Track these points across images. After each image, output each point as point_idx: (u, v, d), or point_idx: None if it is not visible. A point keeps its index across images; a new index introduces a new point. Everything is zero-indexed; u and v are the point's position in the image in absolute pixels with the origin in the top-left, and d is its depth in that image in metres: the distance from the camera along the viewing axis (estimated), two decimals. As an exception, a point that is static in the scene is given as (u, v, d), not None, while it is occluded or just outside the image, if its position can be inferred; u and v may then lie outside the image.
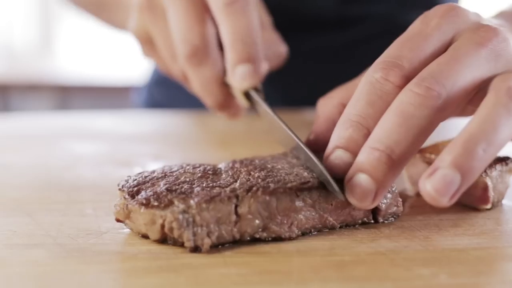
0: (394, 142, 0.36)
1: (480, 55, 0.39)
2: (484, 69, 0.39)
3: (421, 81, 0.37)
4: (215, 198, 0.37)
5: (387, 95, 0.38)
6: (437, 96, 0.37)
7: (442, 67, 0.38)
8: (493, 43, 0.39)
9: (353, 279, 0.33)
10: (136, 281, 0.33)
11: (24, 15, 3.13)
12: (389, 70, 0.39)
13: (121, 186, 0.41)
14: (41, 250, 0.37)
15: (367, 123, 0.38)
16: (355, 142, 0.38)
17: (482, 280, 0.34)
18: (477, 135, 0.35)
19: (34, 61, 3.12)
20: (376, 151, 0.37)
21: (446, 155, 0.35)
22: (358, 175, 0.37)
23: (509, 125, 0.36)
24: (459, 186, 0.35)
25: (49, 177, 0.56)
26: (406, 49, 0.40)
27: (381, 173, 0.37)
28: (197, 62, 0.55)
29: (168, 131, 0.84)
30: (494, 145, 0.36)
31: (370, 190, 0.37)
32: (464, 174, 0.35)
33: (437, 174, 0.35)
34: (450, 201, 0.35)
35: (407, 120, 0.37)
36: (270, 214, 0.38)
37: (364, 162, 0.37)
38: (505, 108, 0.36)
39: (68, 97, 2.97)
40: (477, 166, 0.35)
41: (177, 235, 0.37)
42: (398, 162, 0.37)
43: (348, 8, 0.87)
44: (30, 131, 0.80)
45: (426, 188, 0.35)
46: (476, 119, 0.36)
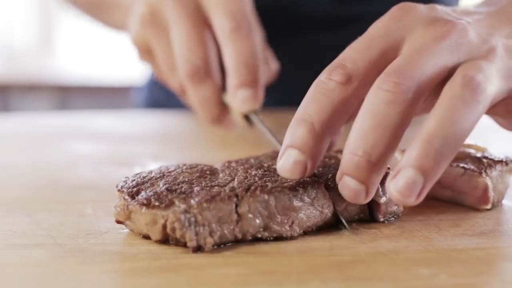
0: (371, 146, 0.37)
1: (442, 47, 0.39)
2: (447, 59, 0.39)
3: (388, 77, 0.37)
4: (215, 198, 0.37)
5: (330, 92, 0.39)
6: (407, 89, 0.37)
7: (406, 60, 0.38)
8: (452, 34, 0.39)
9: (353, 279, 0.33)
10: (136, 281, 0.33)
11: (24, 15, 3.13)
12: (332, 70, 0.40)
13: (120, 187, 0.41)
14: (41, 250, 0.37)
15: (311, 118, 0.39)
16: (300, 138, 0.39)
17: (482, 280, 0.34)
18: (435, 132, 0.35)
19: (34, 61, 3.12)
20: (355, 157, 0.37)
21: (407, 156, 0.36)
22: (345, 178, 0.38)
23: (467, 115, 0.36)
24: (422, 186, 0.35)
25: (49, 177, 0.56)
26: (352, 51, 0.41)
27: (364, 175, 0.37)
28: (197, 81, 0.56)
29: (168, 131, 0.84)
30: (454, 139, 0.36)
31: (359, 190, 0.38)
32: (426, 174, 0.35)
33: (400, 176, 0.35)
34: (417, 200, 0.35)
35: (381, 121, 0.37)
36: (270, 214, 0.39)
37: (346, 167, 0.37)
38: (461, 99, 0.36)
39: (68, 97, 2.97)
40: (438, 164, 0.35)
41: (179, 235, 0.37)
42: (378, 163, 0.37)
43: (346, 7, 0.87)
44: (30, 131, 0.80)
45: (391, 190, 0.36)
46: (433, 115, 0.36)
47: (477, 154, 0.47)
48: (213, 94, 0.57)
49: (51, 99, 2.94)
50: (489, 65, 0.39)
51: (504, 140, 0.67)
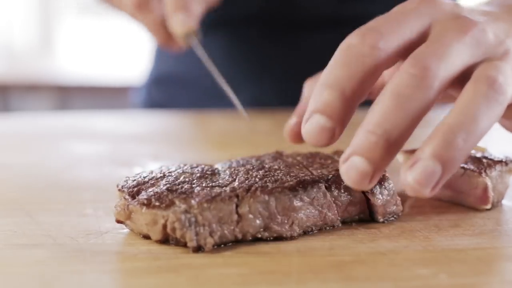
0: (392, 126, 0.36)
1: (465, 41, 0.39)
2: (468, 54, 0.39)
3: (417, 62, 0.37)
4: (216, 198, 0.37)
5: (364, 57, 0.38)
6: (434, 76, 0.37)
7: (434, 49, 0.38)
8: (474, 31, 0.39)
9: (353, 279, 0.33)
10: (136, 281, 0.33)
11: (24, 15, 3.13)
12: (366, 34, 0.38)
13: (120, 187, 0.41)
14: (41, 250, 0.37)
15: (342, 85, 0.37)
16: (330, 105, 0.37)
17: (481, 280, 0.34)
18: (457, 125, 0.35)
19: (34, 61, 3.12)
20: (373, 135, 0.36)
21: (426, 147, 0.35)
22: (354, 158, 0.36)
23: (488, 114, 0.36)
24: (440, 177, 0.35)
25: (49, 177, 0.56)
26: (384, 21, 0.39)
27: (379, 156, 0.36)
28: (141, 10, 0.70)
29: (168, 131, 0.84)
30: (474, 135, 0.36)
31: (367, 173, 0.36)
32: (445, 165, 0.35)
33: (418, 166, 0.35)
34: (431, 192, 0.35)
35: (405, 103, 0.36)
36: (270, 214, 0.39)
37: (360, 146, 0.36)
38: (484, 98, 0.36)
39: (68, 97, 2.97)
40: (458, 156, 0.35)
41: (180, 235, 0.37)
42: (395, 145, 0.36)
43: (345, 7, 0.87)
44: (30, 131, 0.80)
45: (408, 179, 0.35)
46: (456, 109, 0.36)
47: (476, 154, 0.47)
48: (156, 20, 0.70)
49: (51, 99, 2.94)
50: (507, 67, 0.39)
51: (504, 140, 0.67)
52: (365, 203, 0.42)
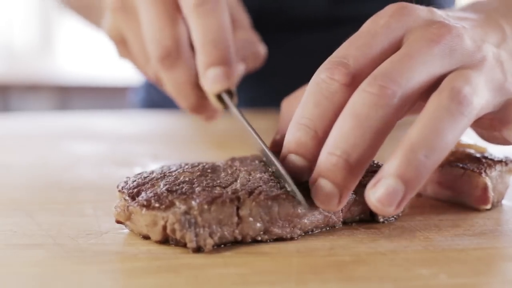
0: (351, 146, 0.36)
1: (433, 52, 0.38)
2: (438, 65, 0.38)
3: (374, 80, 0.37)
4: (216, 200, 0.37)
5: (333, 95, 0.38)
6: (392, 94, 0.36)
7: (395, 65, 0.37)
8: (446, 39, 0.38)
9: (353, 279, 0.33)
10: (136, 281, 0.33)
11: (24, 15, 3.13)
12: (334, 69, 0.38)
13: (120, 188, 0.41)
14: (41, 250, 0.37)
15: (314, 125, 0.38)
16: (304, 145, 0.38)
17: (481, 280, 0.34)
18: (418, 142, 0.35)
19: (34, 61, 3.12)
20: (333, 156, 0.36)
21: (388, 165, 0.35)
22: (319, 180, 0.37)
23: (452, 128, 0.35)
24: (403, 195, 0.34)
25: (49, 177, 0.56)
26: (353, 48, 0.39)
27: (341, 177, 0.36)
28: (169, 64, 0.53)
29: (168, 131, 0.84)
30: (437, 150, 0.35)
31: (333, 194, 0.37)
32: (408, 183, 0.34)
33: (380, 185, 0.35)
34: (396, 210, 0.35)
35: (363, 122, 0.36)
36: (271, 219, 0.38)
37: (322, 168, 0.37)
38: (447, 111, 0.36)
39: (68, 97, 2.97)
40: (421, 174, 0.35)
41: (180, 236, 0.37)
42: (356, 165, 0.36)
43: (340, 8, 0.87)
44: (30, 131, 0.80)
45: (370, 198, 0.35)
46: (417, 125, 0.35)
47: (477, 154, 0.47)
48: (188, 78, 0.54)
49: (51, 99, 2.94)
50: (479, 76, 0.38)
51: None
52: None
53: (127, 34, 0.58)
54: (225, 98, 0.51)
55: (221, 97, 0.52)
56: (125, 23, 0.57)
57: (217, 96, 0.52)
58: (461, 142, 0.49)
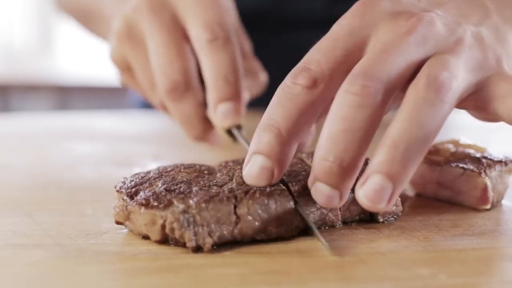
0: (342, 151, 0.36)
1: (408, 42, 0.38)
2: (414, 54, 0.38)
3: (356, 80, 0.37)
4: (214, 198, 0.37)
5: (296, 96, 0.38)
6: (375, 92, 0.36)
7: (373, 62, 0.37)
8: (418, 28, 0.38)
9: (352, 279, 0.33)
10: (136, 281, 0.33)
11: (24, 15, 3.13)
12: (298, 74, 0.39)
13: (118, 188, 0.41)
14: (41, 250, 0.37)
15: (278, 124, 0.38)
16: (267, 144, 0.38)
17: (481, 280, 0.34)
18: (400, 136, 0.35)
19: (34, 61, 3.12)
20: (326, 162, 0.36)
21: (374, 162, 0.35)
22: (317, 184, 0.37)
23: (434, 117, 0.35)
24: (392, 191, 0.35)
25: (49, 177, 0.56)
26: (316, 52, 0.40)
27: (337, 181, 0.36)
28: (178, 96, 0.54)
29: (168, 131, 0.84)
30: (421, 141, 0.35)
31: (333, 196, 0.37)
32: (395, 179, 0.34)
33: (368, 183, 0.35)
34: (387, 206, 0.35)
35: (351, 124, 0.36)
36: (269, 216, 0.38)
37: (318, 173, 0.37)
38: (425, 100, 0.36)
39: (68, 97, 2.97)
40: (407, 167, 0.35)
41: (179, 235, 0.37)
42: (350, 167, 0.36)
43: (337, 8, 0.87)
44: (30, 131, 0.80)
45: (360, 197, 0.35)
46: (398, 118, 0.36)
47: (476, 154, 0.47)
48: (196, 110, 0.55)
49: (51, 99, 2.94)
50: (456, 59, 0.38)
51: (503, 140, 0.68)
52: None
53: (133, 62, 0.57)
54: (235, 133, 0.52)
55: (231, 131, 0.53)
56: (131, 52, 0.57)
57: (226, 130, 0.53)
58: (461, 142, 0.49)
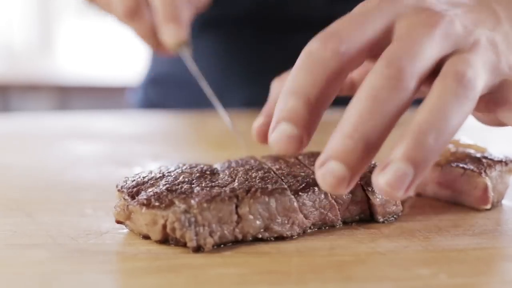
0: (370, 129, 0.35)
1: (434, 35, 0.38)
2: (439, 48, 0.38)
3: (392, 63, 0.36)
4: (215, 198, 0.37)
5: (326, 61, 0.37)
6: (410, 76, 0.36)
7: (404, 48, 0.37)
8: (441, 24, 0.38)
9: (352, 279, 0.33)
10: (136, 281, 0.33)
11: (24, 15, 3.13)
12: (328, 39, 0.38)
13: (120, 187, 0.41)
14: (41, 250, 0.37)
15: (307, 91, 0.37)
16: (296, 113, 0.37)
17: (481, 280, 0.34)
18: (427, 125, 0.35)
19: (34, 61, 3.12)
20: (351, 139, 0.35)
21: (397, 148, 0.35)
22: (330, 163, 0.35)
23: (459, 111, 0.36)
24: (412, 178, 0.34)
25: (49, 177, 0.56)
26: (345, 24, 0.39)
27: (357, 160, 0.35)
28: (131, 19, 0.68)
29: (168, 131, 0.84)
30: (445, 133, 0.35)
31: (344, 177, 0.35)
32: (417, 166, 0.34)
33: (390, 168, 0.34)
34: (405, 194, 0.34)
35: (382, 105, 0.35)
36: (271, 215, 0.38)
37: (338, 150, 0.35)
38: (453, 94, 0.36)
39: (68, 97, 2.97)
40: (429, 157, 0.35)
41: (179, 235, 0.37)
42: (373, 148, 0.35)
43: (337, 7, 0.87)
44: (30, 131, 0.80)
45: (379, 182, 0.34)
46: (425, 108, 0.36)
47: (477, 154, 0.47)
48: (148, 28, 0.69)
49: (51, 99, 2.94)
50: (476, 58, 0.38)
51: (504, 140, 0.68)
52: (366, 202, 0.42)
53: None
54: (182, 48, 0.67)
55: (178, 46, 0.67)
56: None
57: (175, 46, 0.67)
58: (461, 142, 0.49)
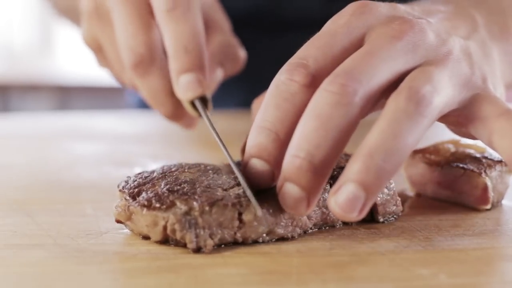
0: (314, 147, 0.35)
1: (396, 48, 0.37)
2: (401, 62, 0.37)
3: (335, 78, 0.36)
4: (218, 202, 0.37)
5: (293, 96, 0.37)
6: (353, 92, 0.35)
7: (356, 62, 0.36)
8: (409, 35, 0.37)
9: (353, 279, 0.33)
10: (136, 281, 0.33)
11: (24, 15, 3.13)
12: (294, 70, 0.38)
13: (121, 187, 0.41)
14: (41, 250, 0.37)
15: (275, 128, 0.37)
16: (265, 149, 0.37)
17: (481, 280, 0.34)
18: (376, 147, 0.34)
19: (34, 61, 3.12)
20: (297, 159, 0.35)
21: (348, 171, 0.34)
22: (285, 185, 0.36)
23: (412, 130, 0.35)
24: (364, 201, 0.34)
25: (49, 177, 0.56)
26: (313, 48, 0.38)
27: (306, 180, 0.35)
28: (143, 71, 0.52)
29: (168, 131, 0.84)
30: (396, 154, 0.34)
31: (301, 198, 0.36)
32: (368, 189, 0.34)
33: (341, 192, 0.34)
34: (359, 216, 0.34)
35: (325, 122, 0.35)
36: (276, 219, 0.38)
37: (287, 171, 0.36)
38: (405, 113, 0.35)
39: (68, 97, 2.97)
40: (381, 179, 0.34)
41: (180, 236, 0.37)
42: (321, 166, 0.35)
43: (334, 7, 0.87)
44: (30, 131, 0.80)
45: (332, 205, 0.34)
46: (376, 128, 0.35)
47: (476, 155, 0.47)
48: (163, 84, 0.52)
49: (51, 99, 2.94)
50: (442, 72, 0.37)
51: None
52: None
53: (102, 40, 0.56)
54: (198, 106, 0.50)
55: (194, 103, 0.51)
56: (100, 29, 0.56)
57: (191, 103, 0.51)
58: (461, 142, 0.49)
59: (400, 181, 0.49)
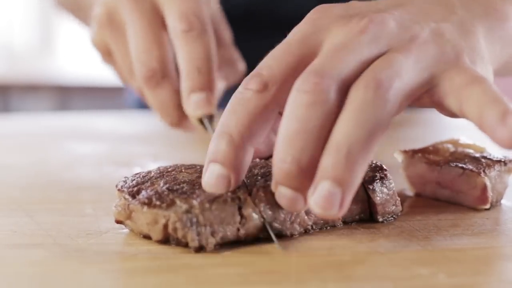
0: (299, 151, 0.35)
1: (360, 41, 0.38)
2: (367, 52, 0.37)
3: (307, 77, 0.36)
4: (218, 199, 0.37)
5: (247, 101, 0.38)
6: (327, 88, 0.36)
7: (325, 60, 0.37)
8: (369, 28, 0.38)
9: (352, 279, 0.34)
10: (136, 281, 0.33)
11: (24, 15, 3.13)
12: (250, 80, 0.39)
13: (120, 187, 0.41)
14: (41, 250, 0.37)
15: (229, 130, 0.38)
16: (222, 153, 0.38)
17: (480, 280, 0.34)
18: (342, 139, 0.34)
19: (34, 61, 3.12)
20: (285, 164, 0.35)
21: (320, 168, 0.34)
22: (279, 188, 0.36)
23: (374, 117, 0.35)
24: (342, 196, 0.34)
25: (49, 177, 0.56)
26: (270, 59, 0.39)
27: (297, 183, 0.36)
28: (154, 84, 0.55)
29: (167, 131, 0.84)
30: (364, 143, 0.34)
31: (296, 199, 0.36)
32: (342, 183, 0.34)
33: (317, 190, 0.34)
34: (340, 211, 0.34)
35: (305, 124, 0.35)
36: (274, 213, 0.38)
37: (278, 176, 0.36)
38: (364, 101, 0.35)
39: (68, 97, 2.97)
40: (352, 170, 0.34)
41: (181, 235, 0.37)
42: (310, 166, 0.35)
43: None
44: (30, 131, 0.80)
45: (312, 206, 0.34)
46: (339, 122, 0.35)
47: (475, 154, 0.47)
48: (171, 98, 0.55)
49: (51, 99, 2.94)
50: (405, 57, 0.37)
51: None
52: (367, 202, 0.42)
53: (113, 47, 0.58)
54: (206, 123, 0.53)
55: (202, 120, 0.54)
56: (112, 38, 0.58)
57: (198, 119, 0.54)
58: (460, 142, 0.49)
59: (399, 181, 0.49)
